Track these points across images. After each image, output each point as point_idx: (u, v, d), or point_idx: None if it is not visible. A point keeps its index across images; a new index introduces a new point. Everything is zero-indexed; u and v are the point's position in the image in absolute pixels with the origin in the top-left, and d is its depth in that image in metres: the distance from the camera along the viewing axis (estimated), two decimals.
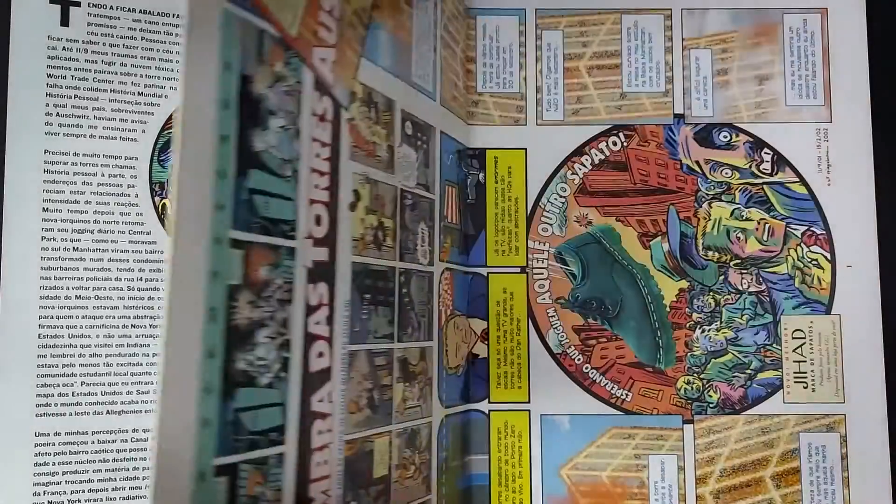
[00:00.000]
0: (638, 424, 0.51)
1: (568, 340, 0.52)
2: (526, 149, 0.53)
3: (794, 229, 0.52)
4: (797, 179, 0.52)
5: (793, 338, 0.51)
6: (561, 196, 0.53)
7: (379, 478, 0.41)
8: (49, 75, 0.47)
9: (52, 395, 0.46)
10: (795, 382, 0.51)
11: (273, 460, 0.32)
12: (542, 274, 0.52)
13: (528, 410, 0.51)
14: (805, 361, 0.51)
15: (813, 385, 0.51)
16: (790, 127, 0.53)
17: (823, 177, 0.52)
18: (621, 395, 0.51)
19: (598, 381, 0.52)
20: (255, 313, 0.32)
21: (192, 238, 0.29)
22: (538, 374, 0.52)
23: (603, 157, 0.53)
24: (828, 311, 0.51)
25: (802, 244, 0.52)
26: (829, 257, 0.52)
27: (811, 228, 0.52)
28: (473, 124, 0.53)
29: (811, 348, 0.51)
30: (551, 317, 0.52)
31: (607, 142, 0.53)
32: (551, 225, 0.52)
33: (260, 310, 0.32)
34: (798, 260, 0.52)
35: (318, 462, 0.35)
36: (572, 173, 0.53)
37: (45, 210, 0.47)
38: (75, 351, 0.47)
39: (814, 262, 0.52)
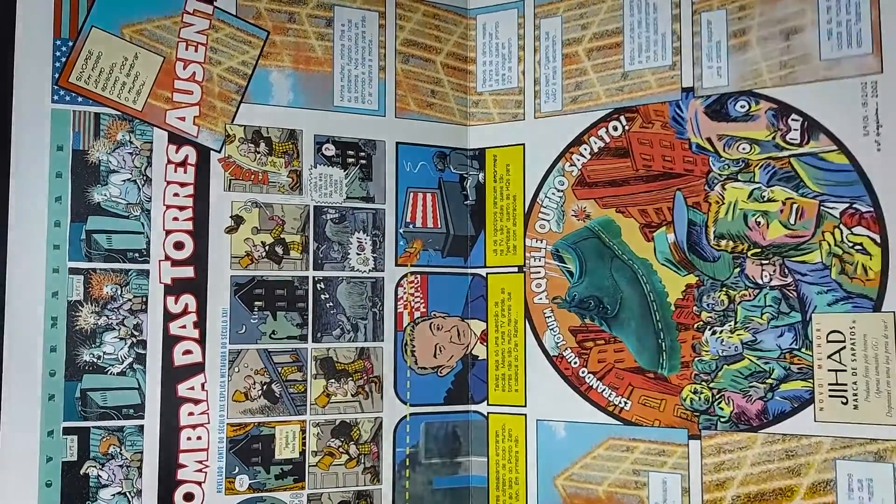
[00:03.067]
0: (638, 436, 0.46)
1: (564, 342, 0.49)
2: (524, 144, 0.51)
3: (831, 208, 0.42)
4: (835, 147, 0.43)
5: (828, 341, 0.42)
6: (559, 190, 0.50)
7: (286, 459, 0.46)
8: None
9: None
10: (831, 396, 0.41)
11: (131, 430, 0.43)
12: (539, 273, 0.50)
13: (525, 415, 0.49)
14: (845, 371, 0.41)
15: (855, 401, 0.41)
16: (826, 85, 0.43)
17: (871, 140, 0.42)
18: (620, 402, 0.47)
19: (594, 386, 0.47)
20: (101, 320, 0.43)
21: (31, 271, 0.42)
22: (535, 377, 0.49)
23: (602, 144, 0.49)
24: (876, 308, 0.41)
25: (841, 226, 0.42)
26: (878, 240, 0.41)
27: (853, 206, 0.42)
28: (472, 125, 0.52)
29: (853, 354, 0.41)
30: (548, 317, 0.49)
31: (607, 127, 0.49)
32: (549, 221, 0.50)
33: (105, 318, 0.43)
34: (835, 245, 0.42)
35: (188, 437, 0.44)
36: (570, 165, 0.50)
37: None
38: None
39: (857, 247, 0.42)
